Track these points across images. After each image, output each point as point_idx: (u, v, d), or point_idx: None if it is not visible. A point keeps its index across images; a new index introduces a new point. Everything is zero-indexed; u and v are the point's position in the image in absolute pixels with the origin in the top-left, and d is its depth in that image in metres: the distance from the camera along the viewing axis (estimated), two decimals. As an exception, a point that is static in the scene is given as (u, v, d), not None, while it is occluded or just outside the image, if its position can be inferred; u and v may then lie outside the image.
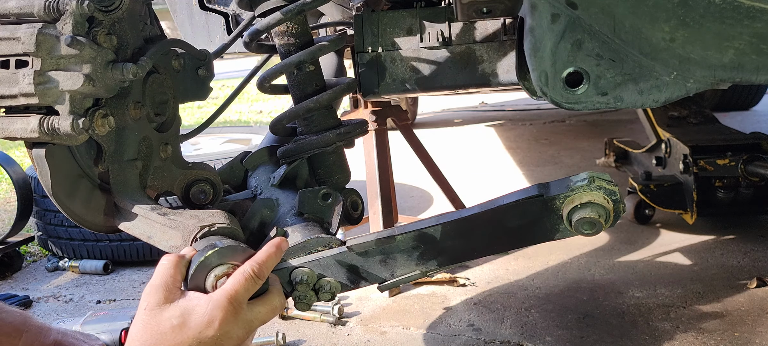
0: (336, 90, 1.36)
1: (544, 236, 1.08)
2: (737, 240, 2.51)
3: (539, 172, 3.90)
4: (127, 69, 1.06)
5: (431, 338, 1.89)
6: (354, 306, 2.12)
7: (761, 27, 0.89)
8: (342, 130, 1.35)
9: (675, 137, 2.59)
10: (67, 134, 1.03)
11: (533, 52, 1.00)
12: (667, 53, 0.96)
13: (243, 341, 0.96)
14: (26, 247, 2.98)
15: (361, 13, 1.52)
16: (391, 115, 2.46)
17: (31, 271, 2.78)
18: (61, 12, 1.01)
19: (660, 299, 2.03)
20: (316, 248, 1.11)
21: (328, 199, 1.19)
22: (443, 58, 1.49)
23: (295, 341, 1.91)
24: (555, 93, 1.01)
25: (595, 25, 0.96)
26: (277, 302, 1.02)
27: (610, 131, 4.70)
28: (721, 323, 1.85)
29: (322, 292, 1.12)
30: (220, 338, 0.93)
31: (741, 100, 5.40)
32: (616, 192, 1.03)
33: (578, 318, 1.93)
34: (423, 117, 6.36)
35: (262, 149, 1.40)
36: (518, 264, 2.39)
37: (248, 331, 0.97)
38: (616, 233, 2.65)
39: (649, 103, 1.01)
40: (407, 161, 3.24)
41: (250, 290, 0.98)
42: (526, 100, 6.86)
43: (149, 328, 0.92)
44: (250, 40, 1.39)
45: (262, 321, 1.00)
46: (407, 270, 1.12)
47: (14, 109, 1.06)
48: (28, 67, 1.02)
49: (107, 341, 1.66)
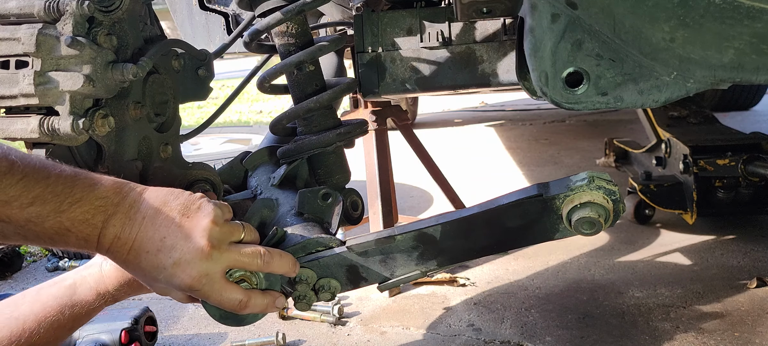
0: (336, 90, 1.36)
1: (544, 235, 1.08)
2: (737, 240, 2.51)
3: (539, 172, 3.90)
4: (127, 69, 1.06)
5: (431, 338, 1.89)
6: (354, 306, 2.12)
7: (761, 27, 0.89)
8: (342, 130, 1.35)
9: (675, 137, 2.59)
10: (68, 135, 1.03)
11: (533, 52, 1.00)
12: (667, 53, 0.96)
13: (196, 281, 0.95)
14: (26, 247, 2.98)
15: (361, 13, 1.52)
16: (391, 115, 2.46)
17: (31, 271, 2.77)
18: (61, 12, 1.01)
19: (660, 299, 2.03)
20: (316, 248, 1.11)
21: (328, 199, 1.19)
22: (443, 58, 1.50)
23: (295, 341, 1.91)
24: (555, 93, 1.01)
25: (595, 25, 0.97)
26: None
27: (610, 131, 4.70)
28: (721, 323, 1.85)
29: (322, 292, 1.12)
30: (195, 261, 0.94)
31: (741, 100, 5.40)
32: (615, 192, 1.03)
33: (578, 318, 1.93)
34: (423, 117, 6.36)
35: (262, 149, 1.40)
36: (518, 264, 2.39)
37: (210, 279, 0.96)
38: (616, 233, 2.65)
39: (649, 103, 1.01)
40: (407, 161, 3.24)
41: (248, 263, 1.00)
42: (526, 100, 6.86)
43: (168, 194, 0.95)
44: (250, 40, 1.39)
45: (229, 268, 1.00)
46: (407, 270, 1.12)
47: (14, 109, 1.06)
48: (28, 68, 1.02)
49: (107, 341, 1.66)
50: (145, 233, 0.92)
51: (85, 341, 1.65)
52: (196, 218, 0.95)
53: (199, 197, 0.98)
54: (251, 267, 1.01)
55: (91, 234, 0.89)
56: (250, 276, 1.02)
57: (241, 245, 1.01)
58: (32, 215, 0.84)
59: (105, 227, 0.89)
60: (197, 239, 0.94)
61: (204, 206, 0.97)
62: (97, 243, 0.90)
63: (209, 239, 0.95)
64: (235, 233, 1.00)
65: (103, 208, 0.89)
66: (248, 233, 1.03)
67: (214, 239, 0.96)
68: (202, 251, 0.94)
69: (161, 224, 0.92)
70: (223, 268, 0.97)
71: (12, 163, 0.82)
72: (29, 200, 0.83)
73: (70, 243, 0.89)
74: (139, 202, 0.92)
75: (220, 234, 0.97)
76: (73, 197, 0.87)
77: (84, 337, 1.65)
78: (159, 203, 0.94)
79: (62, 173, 0.87)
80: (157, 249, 0.92)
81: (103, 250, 0.91)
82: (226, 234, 0.98)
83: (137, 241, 0.91)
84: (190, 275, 0.94)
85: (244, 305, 1.01)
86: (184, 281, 0.94)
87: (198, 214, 0.95)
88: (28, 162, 0.84)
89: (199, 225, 0.95)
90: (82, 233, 0.88)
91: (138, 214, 0.92)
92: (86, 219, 0.88)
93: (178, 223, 0.93)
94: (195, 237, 0.94)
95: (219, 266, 0.97)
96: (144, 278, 0.96)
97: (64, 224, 0.86)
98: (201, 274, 0.94)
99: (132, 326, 1.70)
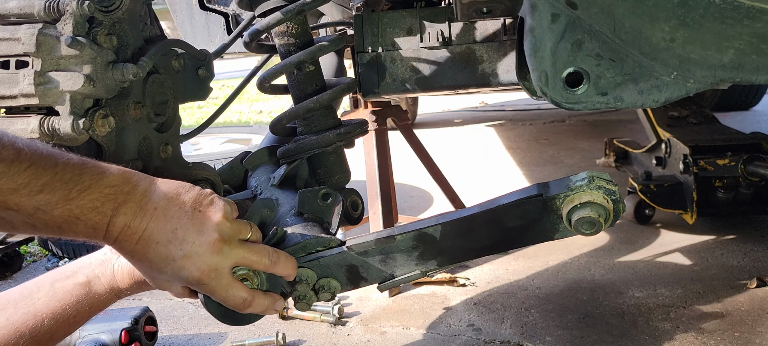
0: (336, 90, 1.36)
1: (544, 235, 1.08)
2: (737, 240, 2.51)
3: (539, 172, 3.90)
4: (127, 69, 1.06)
5: (431, 338, 1.89)
6: (354, 306, 2.12)
7: (761, 27, 0.89)
8: (342, 130, 1.35)
9: (675, 137, 2.59)
10: (68, 135, 1.03)
11: (533, 52, 1.00)
12: (667, 53, 0.96)
13: (205, 275, 0.95)
14: (26, 247, 2.98)
15: (361, 13, 1.52)
16: (391, 115, 2.46)
17: (31, 271, 2.77)
18: (62, 12, 1.02)
19: (660, 299, 2.03)
20: (316, 248, 1.11)
21: (328, 199, 1.19)
22: (443, 58, 1.50)
23: (295, 341, 1.91)
24: (555, 93, 1.01)
25: (595, 25, 0.97)
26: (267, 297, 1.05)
27: (610, 131, 4.70)
28: (721, 323, 1.85)
29: (322, 292, 1.12)
30: (206, 254, 0.94)
31: (741, 100, 5.39)
32: (615, 192, 1.03)
33: (578, 318, 1.93)
34: (423, 117, 6.36)
35: (262, 149, 1.40)
36: (518, 264, 2.39)
37: (217, 270, 0.96)
38: (616, 233, 2.65)
39: (649, 103, 1.01)
40: (407, 161, 3.24)
41: (256, 262, 1.00)
42: (526, 100, 6.86)
43: (177, 188, 0.95)
44: (250, 40, 1.39)
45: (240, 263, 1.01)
46: (407, 270, 1.12)
47: (14, 109, 1.06)
48: (28, 68, 1.02)
49: (107, 340, 1.66)
50: (157, 224, 0.91)
51: (85, 341, 1.65)
52: (208, 213, 0.95)
53: (210, 193, 0.98)
54: (258, 266, 1.01)
55: (100, 222, 0.88)
56: (253, 276, 1.02)
57: (249, 243, 1.01)
58: (41, 203, 0.83)
59: (115, 216, 0.89)
60: (209, 233, 0.94)
61: (216, 202, 0.97)
62: (106, 232, 0.89)
63: (220, 234, 0.95)
64: (244, 231, 1.01)
65: (112, 196, 0.89)
66: (254, 233, 1.03)
67: (225, 234, 0.96)
68: (213, 245, 0.94)
69: (173, 215, 0.92)
70: (232, 264, 0.98)
71: (19, 151, 0.81)
72: (38, 188, 0.82)
73: (79, 232, 0.88)
74: (150, 192, 0.92)
75: (230, 230, 0.97)
76: (82, 184, 0.86)
77: (84, 337, 1.65)
78: (171, 195, 0.94)
79: (70, 160, 0.87)
80: (168, 240, 0.92)
81: (111, 239, 0.90)
82: (236, 231, 0.99)
83: (148, 231, 0.91)
84: (200, 268, 0.94)
85: (248, 303, 1.01)
86: (193, 273, 0.94)
87: (210, 208, 0.96)
88: (35, 150, 0.84)
89: (211, 219, 0.95)
90: (91, 221, 0.87)
91: (149, 204, 0.91)
92: (95, 207, 0.87)
93: (191, 216, 0.93)
94: (207, 231, 0.94)
95: (228, 262, 0.97)
96: (149, 269, 0.96)
97: (73, 212, 0.86)
98: (210, 268, 0.95)
99: (132, 326, 1.70)
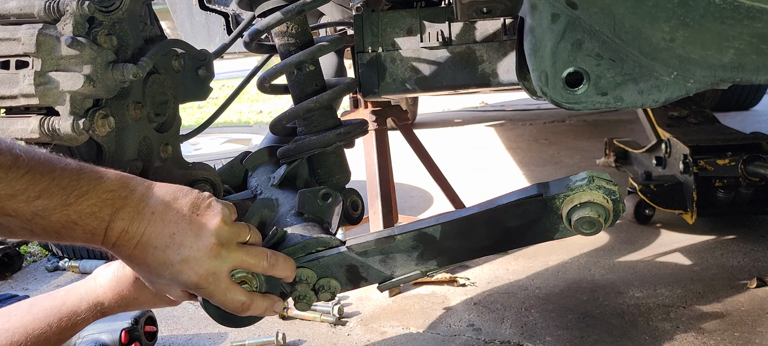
0: (336, 90, 1.36)
1: (544, 235, 1.08)
2: (737, 240, 2.51)
3: (539, 172, 3.90)
4: (127, 69, 1.06)
5: (431, 338, 1.89)
6: (354, 306, 2.12)
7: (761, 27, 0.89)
8: (342, 130, 1.35)
9: (675, 137, 2.59)
10: (68, 135, 1.03)
11: (533, 52, 1.00)
12: (667, 53, 0.96)
13: (203, 279, 0.95)
14: (26, 247, 2.98)
15: (361, 13, 1.52)
16: (391, 115, 2.46)
17: (31, 271, 2.77)
18: (62, 13, 1.02)
19: (660, 299, 2.03)
20: (315, 248, 1.11)
21: (328, 199, 1.19)
22: (443, 58, 1.50)
23: (295, 341, 1.91)
24: (555, 93, 1.01)
25: (595, 25, 0.96)
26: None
27: (610, 131, 4.70)
28: (721, 323, 1.85)
29: (322, 292, 1.12)
30: (204, 257, 0.94)
31: (741, 100, 5.40)
32: (615, 191, 1.03)
33: (578, 318, 1.93)
34: (423, 117, 6.36)
35: (262, 149, 1.40)
36: (518, 264, 2.39)
37: (214, 272, 0.96)
38: (616, 233, 2.65)
39: (649, 103, 1.01)
40: (407, 161, 3.24)
41: (254, 265, 1.00)
42: (526, 100, 6.86)
43: (176, 191, 0.95)
44: (250, 40, 1.39)
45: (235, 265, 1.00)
46: (407, 270, 1.12)
47: (14, 109, 1.06)
48: (28, 68, 1.02)
49: (107, 341, 1.66)
50: (155, 229, 0.91)
51: (85, 341, 1.65)
52: (206, 216, 0.95)
53: (208, 196, 0.98)
54: (256, 269, 1.01)
55: (98, 227, 0.88)
56: (252, 278, 1.02)
57: (247, 246, 1.01)
58: (39, 208, 0.83)
59: (112, 221, 0.89)
60: (207, 237, 0.94)
61: (214, 205, 0.97)
62: (104, 237, 0.89)
63: (218, 238, 0.95)
64: (242, 234, 1.00)
65: (110, 201, 0.88)
66: (253, 235, 1.03)
67: (223, 238, 0.96)
68: (212, 249, 0.94)
69: (171, 220, 0.92)
70: (230, 267, 0.98)
71: (16, 157, 0.81)
72: (36, 194, 0.83)
73: (77, 237, 0.88)
74: (148, 197, 0.92)
75: (228, 233, 0.97)
76: (80, 189, 0.86)
77: (84, 337, 1.65)
78: (168, 199, 0.93)
79: (68, 166, 0.87)
80: (166, 245, 0.92)
81: (109, 244, 0.91)
82: (234, 234, 0.98)
83: (145, 236, 0.91)
84: (198, 272, 0.94)
85: (246, 306, 1.01)
86: (191, 278, 0.94)
87: (208, 212, 0.96)
88: (32, 155, 0.84)
89: (209, 223, 0.95)
90: (89, 226, 0.87)
91: (147, 209, 0.91)
92: (93, 212, 0.87)
93: (188, 220, 0.93)
94: (205, 235, 0.94)
95: (226, 266, 0.97)
96: (148, 273, 0.96)
97: (71, 217, 0.86)
98: (208, 272, 0.94)
99: (132, 326, 1.70)
